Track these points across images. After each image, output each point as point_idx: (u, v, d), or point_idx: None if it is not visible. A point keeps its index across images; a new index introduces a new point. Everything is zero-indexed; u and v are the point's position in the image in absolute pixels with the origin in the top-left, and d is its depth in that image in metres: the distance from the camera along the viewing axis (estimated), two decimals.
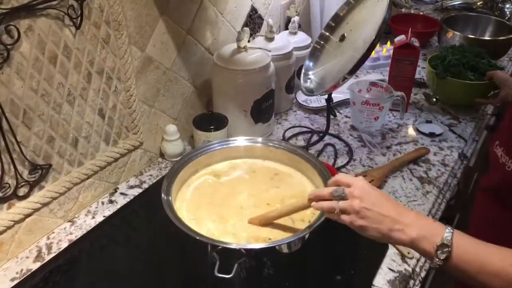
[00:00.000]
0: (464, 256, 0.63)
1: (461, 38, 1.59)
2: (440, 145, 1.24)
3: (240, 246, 0.74)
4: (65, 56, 0.85)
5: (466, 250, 0.63)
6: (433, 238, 0.64)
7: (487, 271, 0.61)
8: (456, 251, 0.63)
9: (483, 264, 0.62)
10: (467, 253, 0.63)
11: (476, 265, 0.62)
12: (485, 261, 0.62)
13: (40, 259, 0.90)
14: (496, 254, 0.62)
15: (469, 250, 0.63)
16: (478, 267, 0.62)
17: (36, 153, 0.87)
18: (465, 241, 0.64)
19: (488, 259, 0.62)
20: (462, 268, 0.63)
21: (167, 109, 1.15)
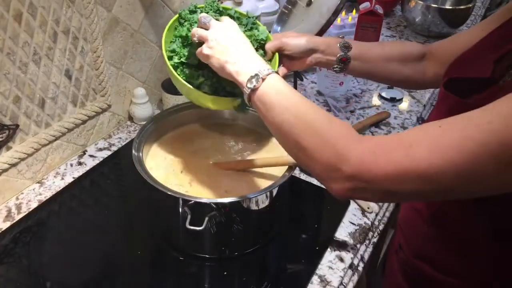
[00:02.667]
0: (270, 90, 0.65)
1: (423, 7, 1.64)
2: (401, 109, 1.30)
3: (210, 201, 0.77)
4: (30, 14, 0.84)
5: (275, 85, 0.66)
6: (252, 71, 0.67)
7: (282, 106, 0.64)
8: (265, 85, 0.66)
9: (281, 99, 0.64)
10: (274, 87, 0.65)
11: (276, 99, 0.65)
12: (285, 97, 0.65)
13: (10, 219, 0.91)
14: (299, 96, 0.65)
15: (276, 86, 0.65)
16: (276, 101, 0.64)
17: (3, 113, 0.86)
18: (278, 82, 0.66)
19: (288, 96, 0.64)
20: (264, 100, 0.65)
21: (135, 72, 1.15)
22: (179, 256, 0.87)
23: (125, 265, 0.86)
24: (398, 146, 0.54)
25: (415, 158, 0.52)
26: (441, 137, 0.51)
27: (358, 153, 0.55)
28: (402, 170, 0.52)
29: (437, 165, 0.50)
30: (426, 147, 0.52)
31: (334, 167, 0.57)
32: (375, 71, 0.92)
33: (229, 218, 0.80)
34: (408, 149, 0.53)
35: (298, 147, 0.61)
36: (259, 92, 0.66)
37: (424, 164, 0.51)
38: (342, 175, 0.56)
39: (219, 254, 0.88)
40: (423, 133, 0.54)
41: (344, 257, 0.86)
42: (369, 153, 0.55)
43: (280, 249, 0.90)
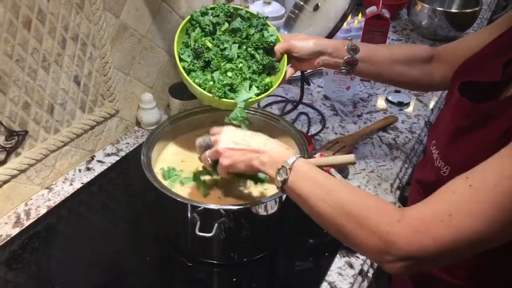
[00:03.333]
0: (300, 179, 0.66)
1: (429, 10, 1.64)
2: (408, 113, 1.30)
3: (219, 207, 0.77)
4: (39, 20, 0.84)
5: (303, 174, 0.67)
6: (278, 162, 0.68)
7: (318, 197, 0.64)
8: (294, 174, 0.66)
9: (314, 185, 0.65)
10: (303, 176, 0.66)
11: (308, 190, 0.65)
12: (318, 183, 0.65)
13: (19, 225, 0.91)
14: (328, 180, 0.66)
15: (306, 175, 0.66)
16: (310, 191, 0.65)
17: (12, 119, 0.86)
18: (306, 167, 0.67)
19: (320, 185, 0.65)
20: (298, 191, 0.66)
21: (142, 77, 1.15)
22: (187, 262, 0.87)
23: (133, 271, 0.86)
24: (438, 218, 0.55)
25: (460, 228, 0.53)
26: (477, 199, 0.53)
27: (403, 235, 0.56)
28: (450, 242, 0.54)
29: (482, 229, 0.52)
30: (465, 214, 0.53)
31: (383, 252, 0.58)
32: (382, 73, 0.93)
33: (238, 224, 0.80)
34: (448, 219, 0.54)
35: (343, 235, 0.63)
36: (290, 184, 0.67)
37: (470, 232, 0.53)
38: (393, 258, 0.57)
39: (227, 260, 0.87)
40: (457, 198, 0.55)
41: (353, 263, 0.85)
42: (413, 231, 0.56)
43: (289, 255, 0.90)
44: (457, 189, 0.56)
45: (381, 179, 1.05)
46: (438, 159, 0.75)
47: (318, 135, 1.19)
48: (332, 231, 0.65)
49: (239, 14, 0.91)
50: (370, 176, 1.06)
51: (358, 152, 1.13)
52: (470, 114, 0.66)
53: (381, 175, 1.06)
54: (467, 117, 0.66)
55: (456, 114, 0.71)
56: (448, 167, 0.71)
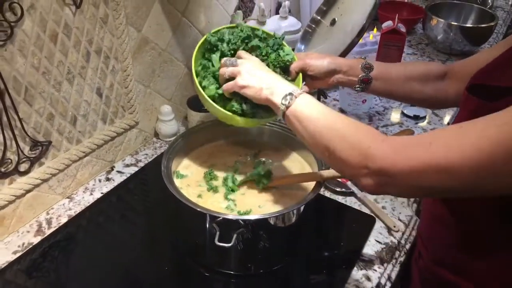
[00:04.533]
0: (302, 105, 0.72)
1: (445, 25, 1.64)
2: (424, 127, 1.30)
3: (238, 217, 0.78)
4: (65, 34, 0.87)
5: (306, 102, 0.72)
6: (286, 91, 0.74)
7: (313, 117, 0.70)
8: (297, 102, 0.72)
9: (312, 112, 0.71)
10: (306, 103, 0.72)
11: (307, 112, 0.71)
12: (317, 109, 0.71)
13: (41, 233, 0.93)
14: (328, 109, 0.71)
15: (308, 104, 0.72)
16: (308, 114, 0.71)
17: (37, 130, 0.89)
18: (310, 99, 0.73)
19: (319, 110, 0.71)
20: (297, 114, 0.72)
21: (162, 89, 1.18)
22: (204, 272, 0.87)
23: (151, 281, 0.86)
24: (418, 143, 0.59)
25: (434, 154, 0.56)
26: (460, 135, 0.56)
27: (382, 150, 0.60)
28: (422, 165, 0.57)
29: (454, 160, 0.54)
30: (444, 144, 0.56)
31: (361, 165, 0.62)
32: (396, 91, 0.95)
33: (256, 235, 0.81)
34: (427, 145, 0.57)
35: (329, 151, 0.67)
36: (292, 107, 0.72)
37: (442, 159, 0.55)
38: (369, 171, 0.61)
39: (245, 271, 0.88)
40: (443, 132, 0.60)
41: (371, 276, 0.85)
42: (392, 150, 0.60)
43: (306, 267, 0.90)
44: (447, 127, 0.60)
45: None
46: None
47: None
48: (319, 148, 0.70)
49: (256, 35, 0.92)
50: None
51: None
52: (476, 111, 0.67)
53: None
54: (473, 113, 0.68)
55: (464, 112, 0.73)
56: None
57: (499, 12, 2.16)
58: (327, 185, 1.05)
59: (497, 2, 2.28)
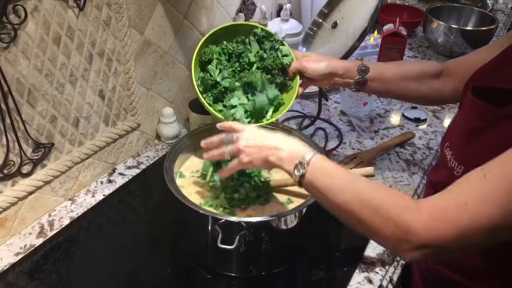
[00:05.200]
0: (317, 173, 0.68)
1: (445, 28, 1.65)
2: (425, 129, 1.30)
3: (241, 219, 0.78)
4: (68, 37, 0.87)
5: (320, 168, 0.68)
6: (296, 158, 0.70)
7: (335, 188, 0.66)
8: (311, 168, 0.68)
9: (332, 181, 0.66)
10: (320, 171, 0.68)
11: (326, 183, 0.67)
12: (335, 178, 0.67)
13: (43, 235, 0.93)
14: (345, 173, 0.68)
15: (323, 169, 0.68)
16: (328, 184, 0.66)
17: (40, 132, 0.89)
18: (323, 162, 0.69)
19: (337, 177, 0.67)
20: (315, 185, 0.67)
21: (163, 92, 1.18)
22: (207, 274, 0.88)
23: (153, 283, 0.86)
24: (455, 207, 0.56)
25: (475, 214, 0.55)
26: (491, 188, 0.54)
27: (421, 223, 0.57)
28: (466, 229, 0.55)
29: (495, 215, 0.53)
30: (481, 201, 0.55)
31: (402, 240, 0.59)
32: (392, 90, 0.96)
33: (258, 237, 0.81)
34: (464, 207, 0.55)
35: (362, 226, 0.64)
36: (307, 179, 0.68)
37: (484, 218, 0.54)
38: (411, 246, 0.58)
39: (247, 273, 0.88)
40: (473, 187, 0.57)
41: (372, 278, 0.85)
42: (431, 220, 0.57)
43: (307, 269, 0.90)
44: (472, 179, 0.57)
45: None
46: (452, 160, 0.76)
47: (336, 150, 1.20)
48: (349, 222, 0.66)
49: (254, 33, 0.93)
50: None
51: (376, 168, 1.14)
52: (483, 114, 0.68)
53: (399, 190, 1.06)
54: (480, 117, 0.69)
55: (469, 115, 0.73)
56: (462, 167, 0.73)
57: (499, 15, 2.17)
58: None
59: (498, 5, 2.28)
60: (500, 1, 2.35)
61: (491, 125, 0.67)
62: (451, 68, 0.93)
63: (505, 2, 2.35)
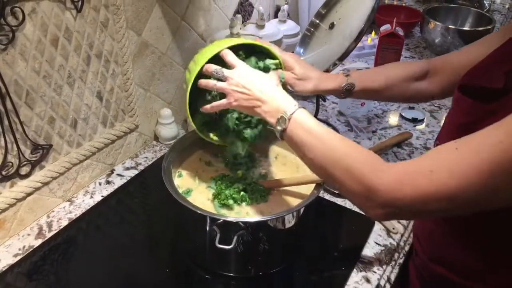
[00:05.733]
0: (298, 129, 0.71)
1: (442, 28, 1.66)
2: (422, 129, 1.31)
3: (239, 219, 0.78)
4: (66, 38, 0.88)
5: (301, 124, 0.71)
6: (279, 112, 0.72)
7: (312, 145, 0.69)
8: (292, 123, 0.71)
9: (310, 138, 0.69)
10: (300, 127, 0.71)
11: (304, 139, 0.70)
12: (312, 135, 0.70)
13: (41, 236, 0.93)
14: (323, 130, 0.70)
15: (303, 125, 0.70)
16: (306, 140, 0.70)
17: (38, 133, 0.89)
18: (304, 117, 0.71)
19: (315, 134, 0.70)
20: (295, 139, 0.71)
21: (161, 93, 1.18)
22: (205, 274, 0.88)
23: (151, 283, 0.86)
24: (420, 172, 0.59)
25: (437, 183, 0.57)
26: (459, 160, 0.56)
27: (385, 183, 0.61)
28: (427, 195, 0.58)
29: (457, 187, 0.56)
30: (445, 171, 0.57)
31: (366, 198, 0.64)
32: (378, 97, 1.05)
33: (256, 237, 0.81)
34: (429, 174, 0.58)
35: (333, 180, 0.68)
36: (288, 132, 0.72)
37: (445, 187, 0.57)
38: (374, 203, 0.63)
39: (245, 273, 0.88)
40: (442, 157, 0.59)
41: (370, 278, 0.86)
42: (395, 182, 0.61)
43: (305, 269, 0.91)
44: (443, 150, 0.60)
45: None
46: None
47: None
48: (323, 176, 0.71)
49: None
50: None
51: None
52: (470, 111, 0.69)
53: None
54: (467, 114, 0.70)
55: (457, 111, 0.74)
56: None
57: (496, 15, 2.18)
58: (327, 187, 1.05)
59: (494, 6, 2.29)
60: (497, 1, 2.36)
61: (478, 121, 0.67)
62: (438, 67, 0.95)
63: (502, 3, 2.36)
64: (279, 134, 0.73)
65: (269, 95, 0.75)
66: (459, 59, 0.89)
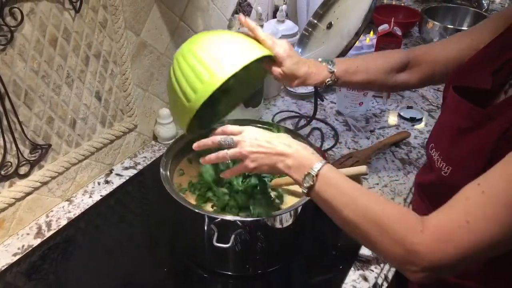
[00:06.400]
0: (326, 186, 0.67)
1: (440, 28, 1.66)
2: (421, 129, 1.31)
3: (236, 218, 0.78)
4: (65, 39, 0.88)
5: (329, 181, 0.67)
6: (304, 168, 0.68)
7: (343, 203, 0.65)
8: (320, 180, 0.67)
9: (340, 195, 0.66)
10: (329, 183, 0.67)
11: (334, 196, 0.66)
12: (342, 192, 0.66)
13: (40, 236, 0.93)
14: (354, 187, 0.67)
15: (332, 181, 0.67)
16: (336, 198, 0.66)
17: (37, 133, 0.90)
18: (332, 174, 0.68)
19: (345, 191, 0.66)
20: (324, 197, 0.67)
21: (160, 93, 1.19)
22: (203, 273, 0.88)
23: (150, 282, 0.87)
24: (457, 227, 0.57)
25: (477, 233, 0.55)
26: (490, 204, 0.55)
27: (428, 246, 0.57)
28: (470, 248, 0.56)
29: (497, 232, 0.54)
30: (481, 219, 0.55)
31: (407, 262, 0.59)
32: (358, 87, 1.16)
33: (254, 236, 0.82)
34: (467, 227, 0.56)
35: (368, 242, 0.64)
36: (316, 190, 0.68)
37: (486, 236, 0.55)
38: (418, 268, 0.59)
39: (243, 272, 0.89)
40: (471, 204, 0.57)
41: (368, 276, 0.86)
42: (436, 242, 0.57)
43: (303, 267, 0.91)
44: (470, 196, 0.57)
45: (394, 193, 1.06)
46: (439, 161, 0.76)
47: (332, 150, 1.21)
48: (357, 237, 0.66)
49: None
50: (383, 190, 1.07)
51: (371, 167, 1.15)
52: (469, 115, 0.69)
53: (395, 189, 1.07)
54: (467, 117, 0.69)
55: (456, 115, 0.73)
56: (450, 167, 0.73)
57: None
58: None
59: (493, 5, 2.30)
60: (496, 1, 2.37)
61: (477, 126, 0.67)
62: (419, 58, 0.94)
63: (501, 3, 2.36)
64: (306, 191, 0.69)
65: (292, 149, 0.71)
66: (441, 49, 0.89)
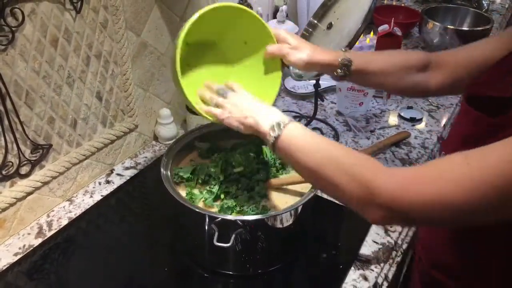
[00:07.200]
0: (292, 135, 0.69)
1: (440, 28, 1.66)
2: (421, 129, 1.31)
3: (237, 218, 0.79)
4: (66, 39, 0.88)
5: (295, 131, 0.69)
6: (272, 120, 0.71)
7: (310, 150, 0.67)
8: (286, 132, 0.69)
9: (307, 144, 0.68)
10: (295, 133, 0.69)
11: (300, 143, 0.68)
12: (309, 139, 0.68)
13: (41, 235, 0.94)
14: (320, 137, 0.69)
15: (298, 131, 0.69)
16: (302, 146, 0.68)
17: (38, 133, 0.90)
18: (299, 128, 0.70)
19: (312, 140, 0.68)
20: (289, 146, 0.68)
21: (161, 93, 1.19)
22: (204, 273, 0.88)
23: (151, 282, 0.87)
24: (425, 178, 0.57)
25: (443, 192, 0.55)
26: (469, 176, 0.54)
27: (389, 186, 0.58)
28: (430, 201, 0.56)
29: (463, 199, 0.54)
30: (454, 183, 0.55)
31: (367, 200, 0.60)
32: (373, 84, 0.97)
33: (254, 235, 0.82)
34: (436, 182, 0.56)
35: (330, 185, 0.65)
36: (282, 139, 0.69)
37: (450, 197, 0.54)
38: (375, 206, 0.59)
39: (243, 272, 0.89)
40: (451, 168, 0.56)
41: (368, 276, 0.86)
42: (399, 185, 0.58)
43: (303, 267, 0.91)
44: (454, 163, 0.56)
45: None
46: None
47: None
48: (318, 182, 0.67)
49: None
50: None
51: None
52: (475, 123, 0.68)
53: None
54: (473, 125, 0.69)
55: (464, 122, 0.73)
56: None
57: (494, 15, 2.18)
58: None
59: (493, 6, 2.30)
60: (497, 2, 2.37)
61: (485, 134, 0.66)
62: (441, 62, 0.90)
63: (502, 3, 2.36)
64: (272, 142, 0.70)
65: (264, 109, 0.75)
66: (464, 53, 0.86)
